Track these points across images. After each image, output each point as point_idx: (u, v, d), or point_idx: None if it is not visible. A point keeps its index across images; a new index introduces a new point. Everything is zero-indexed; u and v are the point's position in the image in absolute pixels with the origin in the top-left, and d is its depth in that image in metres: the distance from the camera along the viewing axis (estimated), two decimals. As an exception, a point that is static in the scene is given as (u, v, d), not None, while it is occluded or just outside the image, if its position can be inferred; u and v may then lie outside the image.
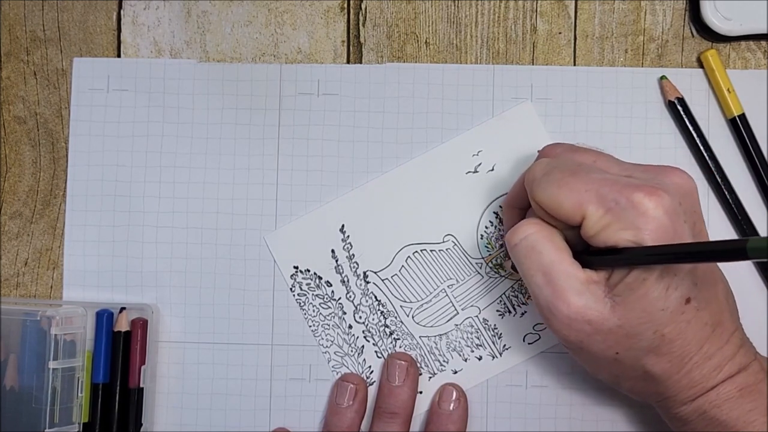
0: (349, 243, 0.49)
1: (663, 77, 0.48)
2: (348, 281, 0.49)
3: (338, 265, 0.49)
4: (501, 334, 0.48)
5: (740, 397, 0.38)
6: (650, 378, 0.39)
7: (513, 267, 0.42)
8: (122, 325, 0.47)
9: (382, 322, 0.48)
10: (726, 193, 0.48)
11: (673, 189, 0.37)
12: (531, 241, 0.39)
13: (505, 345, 0.48)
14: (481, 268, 0.48)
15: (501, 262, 0.48)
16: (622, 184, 0.37)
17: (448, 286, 0.49)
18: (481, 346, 0.48)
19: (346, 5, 0.50)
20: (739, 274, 0.47)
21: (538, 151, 0.44)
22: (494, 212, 0.48)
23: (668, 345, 0.37)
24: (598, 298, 0.37)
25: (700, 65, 0.49)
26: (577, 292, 0.37)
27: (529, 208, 0.42)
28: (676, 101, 0.48)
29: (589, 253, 0.38)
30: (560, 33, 0.49)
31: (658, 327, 0.37)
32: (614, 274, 0.37)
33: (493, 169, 0.49)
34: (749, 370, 0.39)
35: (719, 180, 0.48)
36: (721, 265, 0.40)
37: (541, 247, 0.38)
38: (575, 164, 0.39)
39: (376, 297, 0.48)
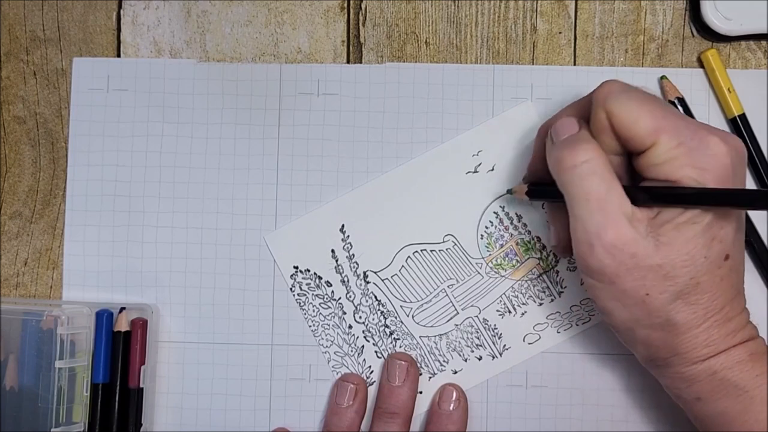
0: (349, 243, 0.49)
1: (663, 77, 0.48)
2: (348, 281, 0.49)
3: (338, 265, 0.49)
4: (501, 334, 0.48)
5: (750, 361, 0.39)
6: (670, 327, 0.39)
7: (529, 194, 0.44)
8: (122, 325, 0.47)
9: (382, 322, 0.48)
10: (726, 193, 0.48)
11: (735, 150, 0.38)
12: (593, 165, 0.38)
13: (505, 345, 0.48)
14: (481, 268, 0.48)
15: (501, 262, 0.48)
16: (697, 125, 0.38)
17: (448, 286, 0.49)
18: (481, 346, 0.48)
19: (346, 5, 0.50)
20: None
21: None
22: (494, 212, 0.48)
23: (699, 295, 0.38)
24: (642, 234, 0.38)
25: (701, 65, 0.49)
26: (628, 223, 0.38)
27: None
28: (676, 101, 0.48)
29: (643, 189, 0.38)
30: (560, 33, 0.49)
31: (696, 273, 0.38)
32: (663, 214, 0.38)
33: (493, 169, 0.48)
34: (757, 340, 0.40)
35: (719, 180, 0.48)
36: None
37: (602, 173, 0.38)
38: (652, 95, 0.40)
39: (376, 297, 0.48)
